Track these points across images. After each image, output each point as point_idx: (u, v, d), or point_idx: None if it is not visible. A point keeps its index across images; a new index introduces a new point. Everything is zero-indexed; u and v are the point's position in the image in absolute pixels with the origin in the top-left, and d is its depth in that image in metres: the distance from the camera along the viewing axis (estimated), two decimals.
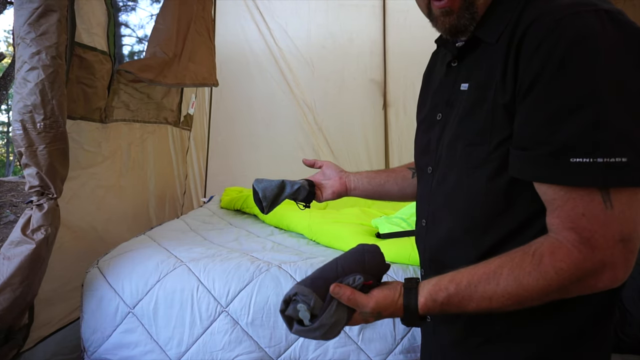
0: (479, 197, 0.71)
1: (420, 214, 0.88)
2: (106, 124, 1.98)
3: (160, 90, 2.46)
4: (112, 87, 1.95)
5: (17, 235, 1.34)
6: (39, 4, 1.29)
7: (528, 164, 0.63)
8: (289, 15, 3.63)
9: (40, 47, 1.31)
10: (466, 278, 0.67)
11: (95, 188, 1.98)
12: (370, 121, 3.84)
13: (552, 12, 0.61)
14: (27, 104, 1.31)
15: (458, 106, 0.75)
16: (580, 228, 0.60)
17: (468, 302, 0.66)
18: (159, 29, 2.23)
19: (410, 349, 1.37)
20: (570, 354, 0.70)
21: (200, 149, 3.46)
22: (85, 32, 1.72)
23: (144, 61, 2.13)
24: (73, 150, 1.73)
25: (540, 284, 0.61)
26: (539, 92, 0.60)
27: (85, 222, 1.90)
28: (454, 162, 0.75)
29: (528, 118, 0.62)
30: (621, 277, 0.61)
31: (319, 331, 0.71)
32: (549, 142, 0.59)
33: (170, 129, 2.72)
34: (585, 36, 0.58)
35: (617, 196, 0.57)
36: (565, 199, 0.60)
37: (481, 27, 0.72)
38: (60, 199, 1.67)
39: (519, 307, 0.65)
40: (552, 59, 0.59)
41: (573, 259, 0.60)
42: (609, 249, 0.58)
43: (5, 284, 1.28)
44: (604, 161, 0.56)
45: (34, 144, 1.33)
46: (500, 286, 0.64)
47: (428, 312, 0.70)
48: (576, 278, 0.60)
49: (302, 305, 0.71)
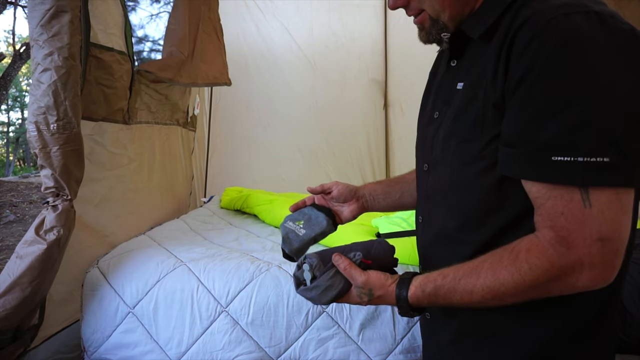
0: (471, 194, 0.73)
1: (418, 211, 0.90)
2: (130, 125, 1.97)
3: (177, 91, 2.46)
4: (133, 87, 1.94)
5: (30, 234, 1.34)
6: (51, 5, 1.29)
7: (514, 161, 0.64)
8: (291, 14, 3.63)
9: (52, 49, 1.30)
10: (453, 272, 0.70)
11: (125, 191, 1.96)
12: (371, 121, 3.84)
13: (544, 13, 0.62)
14: (40, 105, 1.31)
15: (453, 104, 0.76)
16: (558, 227, 0.60)
17: (452, 295, 0.69)
18: (172, 29, 2.25)
19: (410, 349, 1.37)
20: (567, 354, 0.70)
21: (201, 149, 3.46)
22: (102, 32, 1.70)
23: (162, 61, 2.15)
24: (96, 152, 1.73)
25: (515, 278, 0.63)
26: (526, 90, 0.61)
27: (114, 226, 1.87)
28: (447, 159, 0.77)
29: (515, 116, 0.63)
30: (603, 277, 0.60)
31: (314, 291, 0.80)
32: (533, 140, 0.61)
33: (180, 130, 2.72)
34: (573, 37, 0.58)
35: (597, 196, 0.58)
36: (546, 197, 0.61)
37: (468, 21, 0.74)
38: (88, 203, 1.68)
39: (499, 303, 0.66)
40: (540, 58, 0.59)
41: (547, 256, 0.61)
42: (586, 248, 0.59)
43: (14, 283, 1.28)
44: (584, 160, 0.57)
45: (48, 145, 1.33)
46: (480, 280, 0.66)
47: (418, 302, 0.73)
48: (553, 276, 0.61)
49: (306, 266, 0.82)
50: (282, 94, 3.65)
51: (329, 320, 1.39)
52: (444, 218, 0.79)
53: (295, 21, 3.64)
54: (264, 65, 3.62)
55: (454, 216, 0.77)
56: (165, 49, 2.23)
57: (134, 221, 2.04)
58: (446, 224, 0.79)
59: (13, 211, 5.29)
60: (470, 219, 0.74)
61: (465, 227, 0.75)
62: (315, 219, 1.00)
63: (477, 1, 0.74)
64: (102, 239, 1.79)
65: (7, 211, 5.24)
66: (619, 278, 0.66)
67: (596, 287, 0.61)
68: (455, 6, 0.74)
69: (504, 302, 0.66)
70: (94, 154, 1.71)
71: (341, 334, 1.39)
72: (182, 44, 2.22)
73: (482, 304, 0.67)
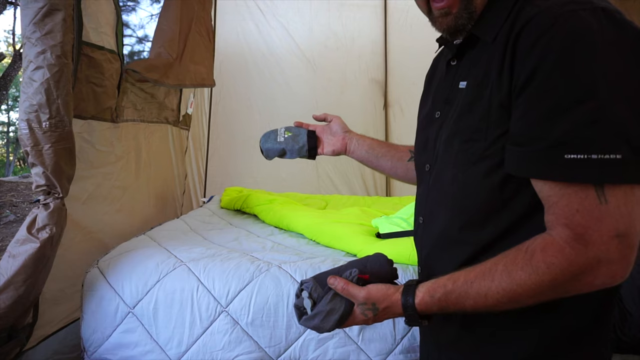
0: (475, 194, 0.72)
1: (418, 212, 0.88)
2: (117, 123, 1.98)
3: (162, 90, 2.46)
4: (121, 86, 1.95)
5: (22, 233, 1.34)
6: (44, 3, 1.29)
7: (524, 160, 0.63)
8: (291, 14, 3.63)
9: (45, 46, 1.30)
10: (463, 276, 0.68)
11: (112, 189, 1.97)
12: (371, 121, 3.84)
13: (549, 10, 0.61)
14: (32, 103, 1.31)
15: (456, 104, 0.75)
16: (574, 224, 0.60)
17: (465, 299, 0.67)
18: (162, 30, 2.24)
19: (410, 349, 1.37)
20: (566, 354, 0.70)
21: (200, 149, 3.46)
22: (93, 31, 1.70)
23: (149, 61, 2.15)
24: (85, 150, 1.73)
25: (533, 279, 0.62)
26: (535, 88, 0.61)
27: (101, 223, 1.88)
28: (450, 159, 0.75)
29: (524, 114, 0.63)
30: (620, 273, 0.60)
31: (317, 318, 0.77)
32: (543, 138, 0.60)
33: (170, 129, 2.72)
34: (581, 34, 0.58)
35: (612, 192, 0.58)
36: (559, 195, 0.61)
37: (478, 24, 0.73)
38: (76, 200, 1.68)
39: (516, 306, 0.65)
40: (548, 56, 0.59)
41: (565, 254, 0.60)
42: (603, 245, 0.58)
43: (8, 282, 1.28)
44: (598, 157, 0.56)
45: (40, 143, 1.33)
46: (495, 282, 0.64)
47: (426, 309, 0.71)
48: (570, 274, 0.60)
49: (305, 293, 0.79)
50: (282, 94, 3.66)
51: None
52: (445, 218, 0.78)
53: (295, 21, 3.64)
54: (264, 65, 3.62)
55: (456, 217, 0.76)
56: (153, 50, 2.23)
57: (121, 218, 2.05)
58: (447, 224, 0.77)
59: (13, 211, 5.29)
60: (472, 219, 0.73)
61: (466, 227, 0.74)
62: (301, 138, 1.09)
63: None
64: (90, 235, 1.81)
65: (7, 211, 5.24)
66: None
67: (614, 283, 0.61)
68: None
69: (521, 305, 0.65)
70: (82, 152, 1.71)
71: (341, 334, 1.39)
72: (172, 45, 2.22)
73: (497, 307, 0.66)
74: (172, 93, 2.65)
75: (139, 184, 2.26)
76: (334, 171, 3.76)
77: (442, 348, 0.84)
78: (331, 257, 1.59)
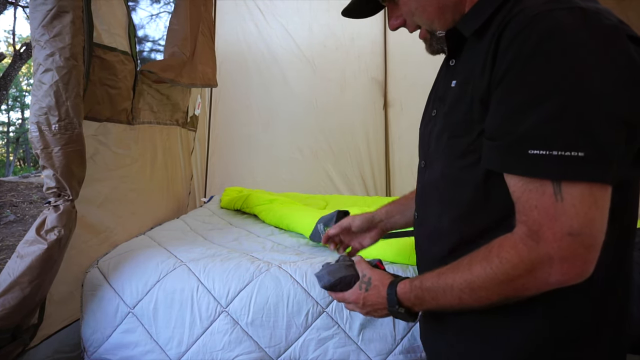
0: (462, 189, 0.74)
1: (415, 208, 0.92)
2: (133, 125, 1.96)
3: (178, 91, 2.46)
4: (136, 88, 1.94)
5: (31, 234, 1.34)
6: (52, 5, 1.28)
7: (495, 153, 0.64)
8: (291, 14, 3.63)
9: (54, 49, 1.30)
10: (438, 269, 0.73)
11: (128, 192, 1.95)
12: (371, 121, 3.84)
13: (530, 9, 0.62)
14: (42, 106, 1.31)
15: (447, 101, 0.78)
16: (531, 221, 0.61)
17: (436, 290, 0.72)
18: (174, 30, 2.24)
19: (410, 349, 1.37)
20: (565, 353, 0.70)
21: (201, 149, 3.46)
22: (105, 32, 1.69)
23: (165, 61, 2.15)
24: (100, 153, 1.72)
25: (487, 272, 0.64)
26: (507, 84, 0.62)
27: (116, 226, 1.87)
28: (439, 155, 0.78)
29: (497, 109, 0.64)
30: (575, 271, 0.60)
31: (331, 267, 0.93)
32: (511, 132, 0.61)
33: (179, 130, 2.72)
34: (554, 32, 0.59)
35: (569, 190, 0.58)
36: (522, 190, 0.62)
37: (461, 21, 0.76)
38: (91, 203, 1.68)
39: (479, 302, 0.67)
40: (522, 53, 0.60)
41: (517, 250, 0.62)
42: (555, 242, 0.59)
43: (14, 282, 1.28)
44: (559, 154, 0.57)
45: (50, 145, 1.33)
46: (458, 274, 0.68)
47: (404, 295, 0.78)
48: (522, 270, 0.61)
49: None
50: (282, 94, 3.65)
51: (329, 321, 1.39)
52: (436, 214, 0.80)
53: (295, 21, 3.64)
54: (264, 65, 3.62)
55: (446, 212, 0.78)
56: (167, 49, 2.23)
57: (135, 221, 2.04)
58: (438, 219, 0.80)
59: (13, 211, 5.29)
60: (461, 213, 0.75)
61: (455, 222, 0.76)
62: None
63: (465, 5, 0.76)
64: (105, 239, 1.79)
65: (7, 211, 5.24)
66: (610, 275, 0.67)
67: (569, 282, 0.61)
68: (442, 15, 0.77)
69: (480, 299, 0.67)
70: (98, 154, 1.70)
71: (341, 334, 1.39)
72: (184, 45, 2.22)
73: (462, 302, 0.69)
74: (186, 94, 2.65)
75: (153, 186, 2.25)
76: (334, 171, 3.76)
77: (441, 348, 0.85)
78: (331, 257, 1.59)
